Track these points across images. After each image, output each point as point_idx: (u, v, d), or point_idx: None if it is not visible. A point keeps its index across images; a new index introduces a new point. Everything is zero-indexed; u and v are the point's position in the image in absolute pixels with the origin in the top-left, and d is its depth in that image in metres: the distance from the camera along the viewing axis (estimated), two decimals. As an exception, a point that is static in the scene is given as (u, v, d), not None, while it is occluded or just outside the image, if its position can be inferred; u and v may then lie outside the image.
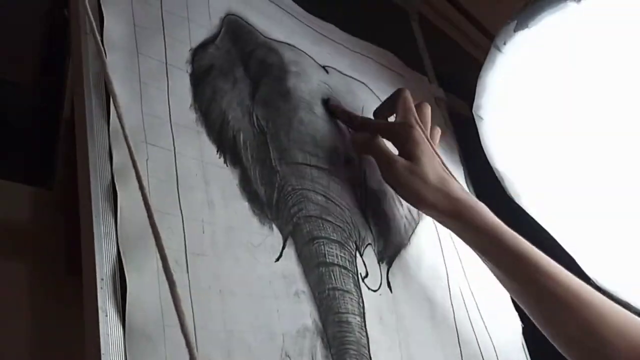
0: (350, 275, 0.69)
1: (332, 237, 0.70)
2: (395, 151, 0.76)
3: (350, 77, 0.90)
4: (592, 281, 0.92)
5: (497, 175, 0.96)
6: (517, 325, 0.88)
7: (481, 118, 0.93)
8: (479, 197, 0.97)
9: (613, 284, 0.91)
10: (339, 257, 0.69)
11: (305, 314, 0.63)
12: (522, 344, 0.87)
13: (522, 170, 0.95)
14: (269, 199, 0.67)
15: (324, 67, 0.86)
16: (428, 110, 0.81)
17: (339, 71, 0.88)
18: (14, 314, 0.64)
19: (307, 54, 0.84)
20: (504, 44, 0.84)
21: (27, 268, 0.66)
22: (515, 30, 0.82)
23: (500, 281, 0.75)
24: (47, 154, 0.73)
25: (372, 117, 0.85)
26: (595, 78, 0.85)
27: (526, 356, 0.87)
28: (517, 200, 0.95)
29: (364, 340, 0.66)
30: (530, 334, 0.89)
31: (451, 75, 1.13)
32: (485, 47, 0.90)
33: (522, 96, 0.90)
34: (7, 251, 0.66)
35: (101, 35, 0.60)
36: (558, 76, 0.87)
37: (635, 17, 0.76)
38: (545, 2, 0.77)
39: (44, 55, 0.77)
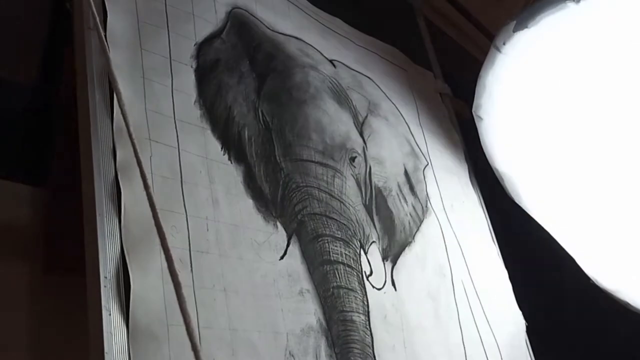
0: (355, 273, 0.69)
1: (336, 235, 0.69)
2: None
3: (357, 71, 0.89)
4: (592, 281, 0.92)
5: (496, 175, 0.96)
6: (520, 323, 0.88)
7: (481, 118, 0.93)
8: (484, 196, 0.97)
9: (612, 283, 0.91)
10: (344, 255, 0.69)
11: (310, 312, 0.63)
12: (526, 342, 0.87)
13: (522, 170, 0.95)
14: (274, 196, 0.67)
15: (331, 61, 0.85)
16: None
17: (346, 65, 0.88)
18: (14, 313, 0.63)
19: (314, 47, 0.84)
20: (504, 44, 0.84)
21: (25, 266, 0.66)
22: (514, 31, 0.81)
23: None
24: (47, 153, 0.73)
25: (380, 110, 0.86)
26: (595, 78, 0.85)
27: (529, 354, 0.87)
28: (517, 200, 0.95)
29: (369, 339, 0.66)
30: (534, 332, 0.89)
31: (451, 75, 1.13)
32: (485, 47, 0.90)
33: (522, 96, 0.90)
34: (4, 249, 0.65)
35: (104, 31, 0.59)
36: (557, 76, 0.87)
37: (633, 18, 0.76)
38: (544, 2, 0.77)
39: (42, 55, 0.77)
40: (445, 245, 0.84)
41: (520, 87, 0.88)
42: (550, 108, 0.90)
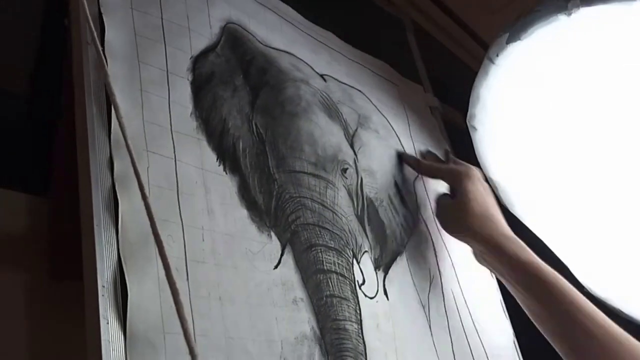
0: (348, 282, 0.70)
1: (329, 245, 0.70)
2: None
3: (348, 85, 0.91)
4: (586, 289, 0.93)
5: (490, 184, 0.97)
6: (509, 332, 0.89)
7: (475, 128, 0.94)
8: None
9: (605, 291, 0.92)
10: (337, 265, 0.70)
11: (304, 321, 0.63)
12: (516, 350, 0.88)
13: (516, 180, 0.96)
14: (267, 206, 0.68)
15: (321, 76, 0.87)
16: None
17: (336, 79, 0.89)
18: (11, 322, 0.64)
19: (306, 62, 0.85)
20: (497, 55, 0.85)
21: (23, 275, 0.66)
22: (507, 43, 0.83)
23: (534, 315, 0.77)
24: (43, 161, 0.73)
25: (370, 123, 0.89)
26: (586, 89, 0.86)
27: (520, 361, 0.88)
28: (511, 209, 0.96)
29: (361, 348, 0.67)
30: (525, 341, 0.89)
31: (446, 85, 1.14)
32: (480, 57, 0.91)
33: (515, 107, 0.91)
34: (2, 258, 0.66)
35: (102, 45, 0.60)
36: (550, 87, 0.88)
37: (623, 30, 0.77)
38: (536, 15, 0.79)
39: (39, 63, 0.77)
40: (436, 255, 0.86)
41: (514, 97, 0.90)
42: (543, 118, 0.91)
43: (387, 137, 0.91)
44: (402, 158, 0.92)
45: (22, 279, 0.66)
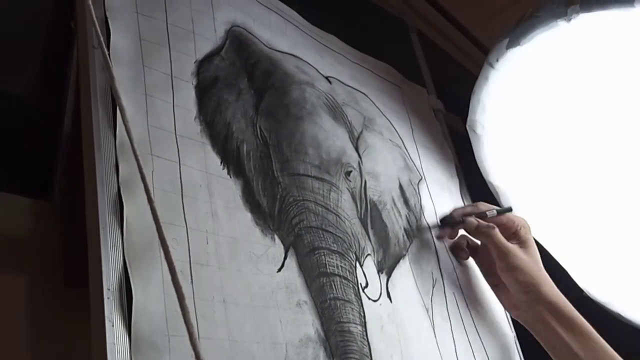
0: (351, 285, 0.70)
1: (332, 248, 0.70)
2: None
3: (352, 87, 0.91)
4: (585, 293, 0.93)
5: (491, 188, 0.97)
6: (510, 335, 0.89)
7: (475, 132, 0.94)
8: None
9: (604, 295, 0.93)
10: (340, 268, 0.70)
11: (308, 323, 0.64)
12: (518, 353, 0.88)
13: (516, 184, 0.96)
14: (271, 209, 0.68)
15: (326, 78, 0.87)
16: None
17: (341, 82, 0.89)
18: (15, 325, 0.64)
19: (310, 64, 0.85)
20: (497, 60, 0.85)
21: (26, 279, 0.66)
22: (507, 48, 0.83)
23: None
24: (47, 165, 0.74)
25: (375, 126, 0.89)
26: (585, 93, 0.87)
27: (521, 364, 0.88)
28: (510, 214, 0.96)
29: (366, 350, 0.67)
30: (527, 343, 0.90)
31: (445, 89, 1.14)
32: (480, 61, 0.91)
33: (515, 111, 0.92)
34: (6, 262, 0.66)
35: (108, 49, 0.60)
36: (549, 91, 0.89)
37: (622, 35, 0.78)
38: (536, 20, 0.79)
39: (45, 67, 0.78)
40: (438, 258, 0.86)
41: (514, 102, 0.90)
42: (543, 123, 0.92)
43: (391, 139, 0.92)
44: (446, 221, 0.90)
45: (26, 282, 0.66)
